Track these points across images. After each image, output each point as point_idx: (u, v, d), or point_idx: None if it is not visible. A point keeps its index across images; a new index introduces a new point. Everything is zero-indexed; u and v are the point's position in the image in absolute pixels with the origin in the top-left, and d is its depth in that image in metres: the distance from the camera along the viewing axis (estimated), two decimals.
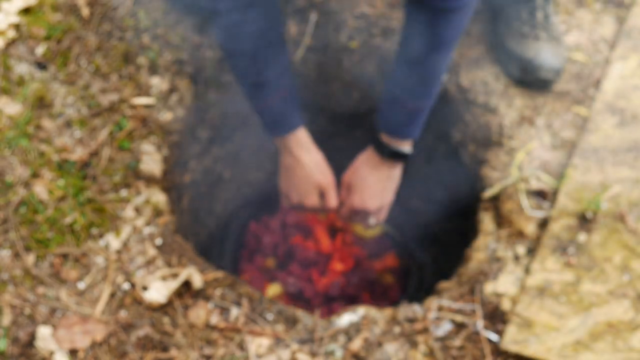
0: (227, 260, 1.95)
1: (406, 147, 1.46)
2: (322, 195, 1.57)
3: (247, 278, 1.97)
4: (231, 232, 2.03)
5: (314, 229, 2.05)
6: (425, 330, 1.28)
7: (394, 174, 1.51)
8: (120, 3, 1.68)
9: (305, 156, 1.50)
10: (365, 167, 1.51)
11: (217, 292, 1.32)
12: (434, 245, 2.09)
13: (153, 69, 1.61)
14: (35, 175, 1.40)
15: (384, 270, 2.02)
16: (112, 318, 1.26)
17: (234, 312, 1.30)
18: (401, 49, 1.35)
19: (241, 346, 1.25)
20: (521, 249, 1.41)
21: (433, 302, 1.33)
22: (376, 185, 1.52)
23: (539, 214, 1.45)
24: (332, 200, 1.55)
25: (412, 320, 1.30)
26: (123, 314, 1.27)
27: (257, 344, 1.25)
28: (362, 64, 1.87)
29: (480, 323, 1.29)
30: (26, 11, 1.63)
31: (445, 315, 1.31)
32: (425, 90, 1.37)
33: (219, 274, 1.36)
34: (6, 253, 1.31)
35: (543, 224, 1.44)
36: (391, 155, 1.46)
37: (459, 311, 1.31)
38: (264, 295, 1.38)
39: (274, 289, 1.94)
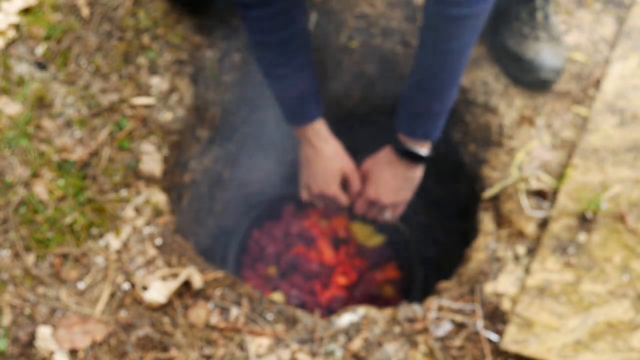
0: (230, 266, 1.96)
1: (423, 149, 1.48)
2: (343, 184, 1.60)
3: (249, 285, 1.98)
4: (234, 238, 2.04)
5: (317, 240, 2.05)
6: (425, 330, 1.28)
7: (412, 174, 1.53)
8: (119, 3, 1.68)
9: (325, 146, 1.54)
10: (383, 161, 1.54)
11: (217, 292, 1.33)
12: (434, 245, 2.09)
13: (153, 69, 1.61)
14: (35, 175, 1.40)
15: (385, 282, 2.02)
16: (112, 318, 1.26)
17: (234, 312, 1.30)
18: (419, 54, 1.38)
19: (241, 346, 1.25)
20: (521, 249, 1.41)
21: (433, 302, 1.33)
22: (392, 181, 1.54)
23: (539, 214, 1.45)
24: (356, 184, 1.59)
25: (412, 320, 1.30)
26: (123, 314, 1.27)
27: (257, 344, 1.25)
28: (362, 64, 1.88)
29: (480, 323, 1.29)
30: (26, 11, 1.63)
31: (445, 315, 1.31)
32: (441, 94, 1.39)
33: (219, 274, 1.36)
34: (6, 253, 1.31)
35: (543, 224, 1.44)
36: (407, 155, 1.49)
37: (459, 311, 1.31)
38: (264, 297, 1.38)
39: (275, 299, 1.94)
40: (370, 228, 2.10)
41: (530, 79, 1.61)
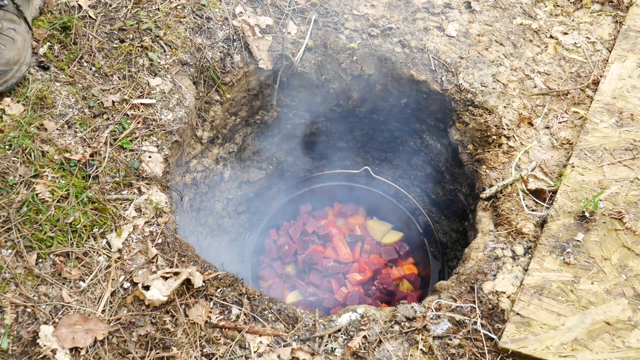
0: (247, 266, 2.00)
1: None
2: None
3: (267, 285, 2.01)
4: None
5: (333, 239, 2.08)
6: (424, 329, 1.29)
7: None
8: (121, 4, 1.68)
9: None
10: None
11: (218, 291, 1.33)
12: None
13: (154, 70, 1.62)
14: (37, 175, 1.41)
15: (402, 278, 2.04)
16: (114, 317, 1.27)
17: (235, 311, 1.30)
18: None
19: (242, 345, 1.26)
20: (520, 248, 1.41)
21: (432, 301, 1.34)
22: None
23: (538, 214, 1.46)
24: None
25: (411, 319, 1.31)
26: (124, 313, 1.28)
27: (258, 343, 1.26)
28: (361, 64, 1.88)
29: (478, 322, 1.29)
30: None
31: (444, 314, 1.31)
32: None
33: (220, 273, 1.36)
34: (8, 252, 1.31)
35: (541, 223, 1.44)
36: None
37: (457, 310, 1.32)
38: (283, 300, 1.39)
39: (294, 297, 1.97)
40: (387, 225, 2.13)
41: None
